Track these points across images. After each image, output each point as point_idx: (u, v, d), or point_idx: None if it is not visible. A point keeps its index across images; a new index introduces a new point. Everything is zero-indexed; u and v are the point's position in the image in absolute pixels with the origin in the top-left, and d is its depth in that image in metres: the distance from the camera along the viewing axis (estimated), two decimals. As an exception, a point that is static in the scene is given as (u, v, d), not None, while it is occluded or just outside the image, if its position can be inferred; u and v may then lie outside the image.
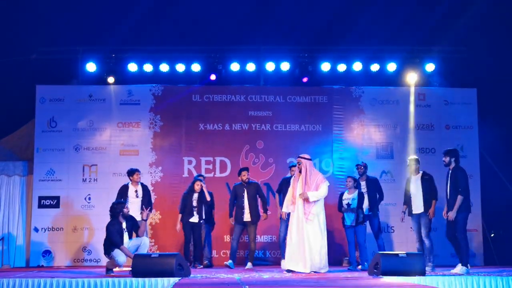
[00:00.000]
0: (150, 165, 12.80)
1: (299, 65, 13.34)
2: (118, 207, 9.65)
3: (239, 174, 11.35)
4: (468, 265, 9.56)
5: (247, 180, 11.25)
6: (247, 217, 11.10)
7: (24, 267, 12.36)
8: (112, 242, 9.43)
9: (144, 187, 11.32)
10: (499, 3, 12.58)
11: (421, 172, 10.67)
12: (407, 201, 10.69)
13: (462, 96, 13.38)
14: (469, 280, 8.35)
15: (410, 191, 10.62)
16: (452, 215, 9.53)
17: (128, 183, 11.22)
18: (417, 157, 10.90)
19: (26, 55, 12.95)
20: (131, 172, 11.21)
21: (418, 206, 10.49)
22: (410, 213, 10.61)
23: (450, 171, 9.77)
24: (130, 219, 9.77)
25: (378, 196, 11.44)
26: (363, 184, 11.33)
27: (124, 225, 9.66)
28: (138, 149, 12.98)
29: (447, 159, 9.83)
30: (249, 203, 11.11)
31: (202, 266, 11.48)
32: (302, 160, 9.97)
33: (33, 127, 12.93)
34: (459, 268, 9.54)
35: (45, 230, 12.62)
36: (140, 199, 11.06)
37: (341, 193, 11.21)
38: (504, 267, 11.38)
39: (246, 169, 11.43)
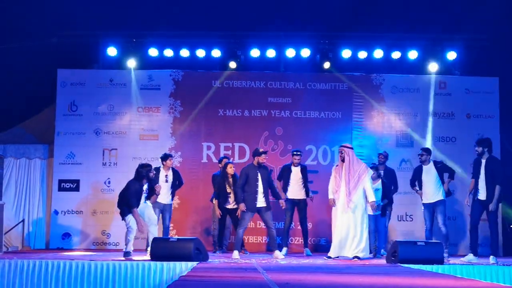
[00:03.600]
0: (170, 150, 12.81)
1: (319, 51, 13.30)
2: (143, 171, 9.77)
3: (259, 155, 10.21)
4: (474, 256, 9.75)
5: (263, 163, 10.33)
6: (260, 202, 10.17)
7: (44, 249, 12.48)
8: (127, 201, 9.52)
9: (175, 172, 11.30)
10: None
11: (431, 161, 10.74)
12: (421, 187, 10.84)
13: (483, 85, 13.26)
14: (487, 270, 8.32)
15: (422, 181, 10.72)
16: (492, 206, 9.57)
17: (159, 167, 11.15)
18: (428, 148, 10.98)
19: (47, 39, 12.99)
20: (165, 157, 11.16)
21: (431, 195, 10.57)
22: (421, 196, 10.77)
23: (485, 161, 9.73)
24: (151, 181, 9.88)
25: (393, 187, 11.55)
26: (381, 173, 11.38)
27: (145, 187, 9.75)
28: (158, 134, 13.03)
29: (480, 149, 9.81)
30: (263, 187, 10.16)
31: (248, 253, 11.55)
32: (345, 149, 10.21)
33: (54, 111, 13.01)
34: (470, 257, 9.63)
35: (65, 213, 12.72)
36: (169, 184, 11.05)
37: None
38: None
39: (266, 152, 10.48)
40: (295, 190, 11.20)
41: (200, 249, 8.84)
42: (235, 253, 9.90)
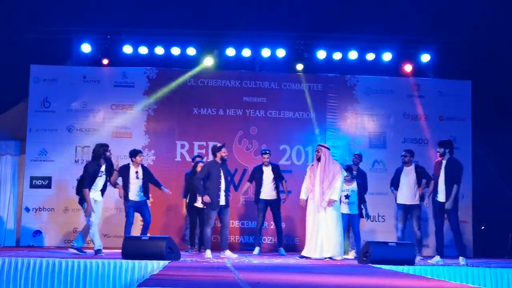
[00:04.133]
0: (143, 148, 12.69)
1: (295, 52, 13.34)
2: (100, 150, 9.72)
3: (219, 150, 10.13)
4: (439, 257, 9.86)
5: (226, 158, 10.29)
6: (222, 200, 10.11)
7: (14, 246, 12.34)
8: (82, 181, 9.48)
9: (145, 168, 11.09)
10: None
11: (413, 164, 10.83)
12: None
13: (456, 87, 13.40)
14: (457, 271, 8.40)
15: (400, 181, 10.80)
16: (448, 205, 9.64)
17: (129, 163, 10.95)
18: (412, 150, 11.08)
19: (21, 34, 12.86)
20: (134, 153, 10.92)
21: (406, 197, 10.68)
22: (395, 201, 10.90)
23: (445, 162, 9.83)
24: (108, 160, 9.86)
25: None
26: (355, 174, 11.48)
27: (103, 168, 9.69)
28: (131, 132, 12.96)
29: (441, 150, 9.91)
30: (225, 184, 10.14)
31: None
32: (322, 148, 10.22)
33: (26, 107, 12.89)
34: (437, 259, 9.69)
35: (36, 210, 12.60)
36: (140, 180, 10.83)
37: None
38: (493, 259, 11.47)
39: (224, 145, 10.31)
40: (267, 190, 11.25)
41: (172, 248, 8.80)
42: (208, 252, 9.88)
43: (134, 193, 10.72)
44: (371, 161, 13.03)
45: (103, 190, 9.85)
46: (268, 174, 11.27)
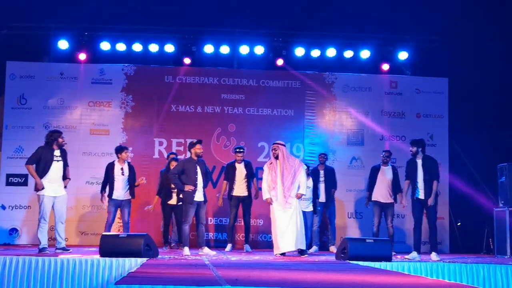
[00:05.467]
0: (120, 146, 12.68)
1: (273, 49, 13.36)
2: (53, 135, 9.65)
3: (193, 146, 10.01)
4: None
5: (201, 154, 10.11)
6: (200, 196, 10.00)
7: (-10, 244, 12.25)
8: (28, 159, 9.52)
9: (131, 167, 10.90)
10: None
11: (390, 165, 11.02)
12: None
13: (433, 85, 13.50)
14: (434, 267, 8.47)
15: (376, 180, 10.93)
16: (431, 201, 9.73)
17: (114, 160, 10.78)
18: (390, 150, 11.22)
19: (-3, 30, 12.77)
20: (120, 150, 10.73)
21: (382, 195, 10.77)
22: (370, 199, 11.03)
23: (421, 161, 9.91)
24: (64, 151, 9.77)
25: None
26: (322, 172, 11.72)
27: (57, 153, 9.62)
28: (108, 129, 12.90)
29: (414, 149, 10.01)
30: (203, 181, 10.04)
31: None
32: (279, 146, 10.09)
33: (3, 104, 12.77)
34: (414, 255, 9.78)
35: (12, 208, 12.50)
36: (125, 177, 10.65)
37: None
38: (469, 255, 11.57)
39: (201, 141, 10.19)
40: (240, 187, 11.21)
41: (150, 246, 8.76)
42: (186, 250, 9.83)
43: (119, 191, 10.55)
44: (349, 158, 13.10)
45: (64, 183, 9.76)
46: (240, 171, 11.23)
